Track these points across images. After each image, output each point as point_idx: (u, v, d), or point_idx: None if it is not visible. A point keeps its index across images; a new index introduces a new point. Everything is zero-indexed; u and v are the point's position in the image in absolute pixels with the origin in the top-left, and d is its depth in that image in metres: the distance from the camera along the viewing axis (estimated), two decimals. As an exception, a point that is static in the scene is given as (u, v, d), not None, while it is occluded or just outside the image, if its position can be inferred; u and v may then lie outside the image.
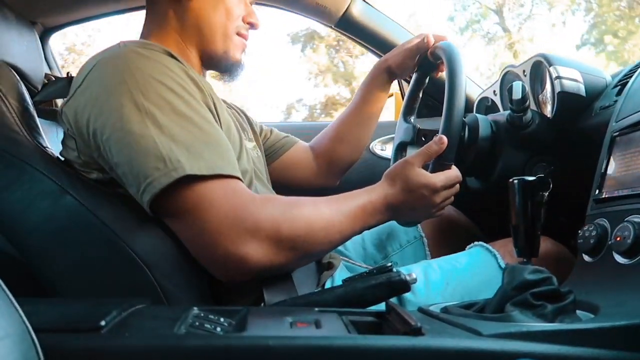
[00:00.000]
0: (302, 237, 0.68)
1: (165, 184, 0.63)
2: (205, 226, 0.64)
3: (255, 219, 0.65)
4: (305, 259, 0.75)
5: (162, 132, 0.64)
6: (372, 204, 0.78)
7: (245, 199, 0.67)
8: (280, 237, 0.66)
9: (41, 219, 0.71)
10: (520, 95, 0.90)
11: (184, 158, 0.64)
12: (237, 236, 0.64)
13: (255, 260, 0.65)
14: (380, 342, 0.45)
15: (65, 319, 0.46)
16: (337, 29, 1.43)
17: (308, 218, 0.70)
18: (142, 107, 0.65)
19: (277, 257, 0.67)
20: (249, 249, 0.64)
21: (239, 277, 0.68)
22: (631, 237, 0.61)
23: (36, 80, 0.89)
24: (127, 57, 0.69)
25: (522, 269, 0.55)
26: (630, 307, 0.54)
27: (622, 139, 0.75)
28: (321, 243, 0.72)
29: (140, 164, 0.64)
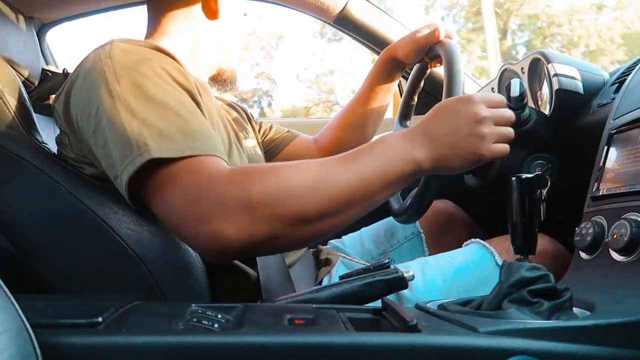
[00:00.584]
0: (279, 200, 0.58)
1: (132, 170, 0.61)
2: (172, 207, 0.60)
3: (220, 191, 0.58)
4: (303, 229, 0.60)
5: (135, 118, 0.62)
6: (391, 143, 0.65)
7: (212, 173, 0.60)
8: (251, 205, 0.57)
9: (38, 214, 0.71)
10: (518, 93, 0.89)
11: (152, 141, 0.61)
12: (203, 213, 0.57)
13: (228, 236, 0.57)
14: (377, 339, 0.45)
15: (63, 314, 0.46)
16: (335, 26, 1.43)
17: (285, 178, 0.60)
18: (117, 95, 0.64)
19: (256, 229, 0.57)
20: (218, 225, 0.57)
21: (219, 256, 0.60)
22: (627, 234, 0.61)
23: (33, 76, 0.88)
24: (109, 52, 0.69)
25: (519, 266, 0.55)
26: (626, 305, 0.54)
27: (620, 137, 0.75)
28: (314, 204, 0.60)
29: (115, 152, 0.63)
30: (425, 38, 0.94)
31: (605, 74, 0.98)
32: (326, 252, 0.96)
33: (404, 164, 0.64)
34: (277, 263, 0.80)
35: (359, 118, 1.08)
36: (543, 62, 1.00)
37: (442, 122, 0.67)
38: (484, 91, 1.31)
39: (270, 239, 0.59)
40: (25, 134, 0.73)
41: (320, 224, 0.61)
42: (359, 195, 0.62)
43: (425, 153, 0.66)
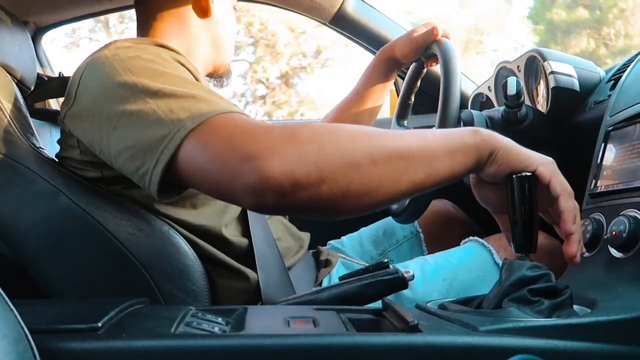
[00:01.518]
0: (328, 138, 0.53)
1: (173, 147, 0.57)
2: (214, 153, 0.55)
3: (265, 130, 0.54)
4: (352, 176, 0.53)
5: (159, 97, 0.60)
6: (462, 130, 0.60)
7: (254, 121, 0.57)
8: (298, 140, 0.53)
9: (36, 219, 0.70)
10: (514, 91, 0.90)
11: (186, 113, 0.58)
12: (247, 150, 0.53)
13: (272, 171, 0.51)
14: (378, 339, 0.45)
15: (62, 320, 0.45)
16: (330, 26, 1.43)
17: (334, 125, 0.57)
18: (134, 84, 0.63)
19: (301, 164, 0.52)
20: (262, 160, 0.52)
21: (260, 197, 0.53)
22: (626, 231, 0.61)
23: (29, 81, 0.88)
24: (114, 50, 0.69)
25: (520, 265, 0.55)
26: (626, 301, 0.55)
27: (617, 133, 0.75)
28: (365, 147, 0.54)
29: (146, 139, 0.59)
30: (423, 37, 0.94)
31: (601, 71, 0.98)
32: (326, 253, 0.96)
33: (466, 133, 0.59)
34: (276, 265, 0.80)
35: (352, 117, 1.08)
36: (539, 59, 1.00)
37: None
38: (480, 90, 1.31)
39: (315, 182, 0.52)
40: (22, 139, 0.73)
41: (371, 174, 0.53)
42: (417, 153, 0.55)
43: (489, 131, 0.61)
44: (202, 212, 0.75)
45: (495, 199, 0.62)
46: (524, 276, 0.54)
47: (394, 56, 1.01)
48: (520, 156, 0.59)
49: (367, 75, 1.06)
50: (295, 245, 0.90)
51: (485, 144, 0.58)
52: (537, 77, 1.09)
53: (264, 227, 0.83)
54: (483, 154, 0.58)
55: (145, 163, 0.59)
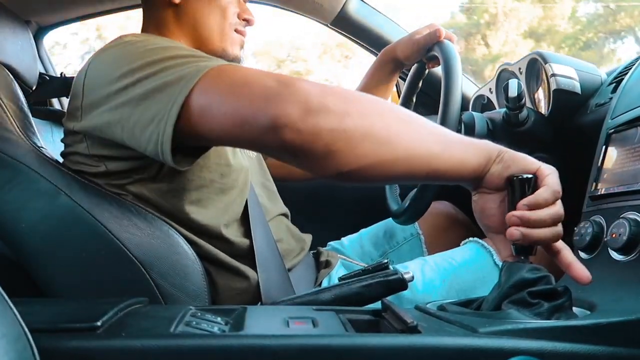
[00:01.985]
0: (352, 97, 0.57)
1: (182, 98, 0.58)
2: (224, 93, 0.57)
3: (288, 78, 0.56)
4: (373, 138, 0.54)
5: (172, 59, 0.63)
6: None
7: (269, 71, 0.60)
8: (323, 91, 0.55)
9: (36, 219, 0.70)
10: (516, 93, 0.90)
11: (202, 63, 0.61)
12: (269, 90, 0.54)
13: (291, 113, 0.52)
14: (377, 340, 0.45)
15: (61, 319, 0.46)
16: (332, 28, 1.43)
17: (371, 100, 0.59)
18: (144, 63, 0.64)
19: (323, 111, 0.53)
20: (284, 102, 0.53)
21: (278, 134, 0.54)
22: (626, 234, 0.61)
23: (30, 80, 0.88)
24: (119, 42, 0.71)
25: (520, 267, 0.55)
26: (626, 304, 0.54)
27: (618, 136, 0.75)
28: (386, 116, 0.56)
29: (161, 84, 0.61)
30: (425, 39, 0.94)
31: (603, 74, 0.98)
32: (326, 254, 0.96)
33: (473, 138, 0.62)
34: (276, 265, 0.80)
35: None
36: (540, 62, 1.00)
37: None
38: (482, 92, 1.31)
39: (341, 112, 0.53)
40: (23, 138, 0.73)
41: (394, 126, 0.56)
42: (435, 128, 0.59)
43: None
44: (202, 212, 0.75)
45: (495, 211, 0.61)
46: (524, 278, 0.54)
47: (396, 57, 1.01)
48: (524, 158, 0.60)
49: (369, 77, 1.06)
50: (297, 247, 0.90)
51: (494, 147, 0.60)
52: (538, 80, 1.09)
53: (265, 228, 0.83)
54: (492, 155, 0.59)
55: (160, 111, 0.60)
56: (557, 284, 0.56)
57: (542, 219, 0.56)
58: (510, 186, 0.58)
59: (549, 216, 0.56)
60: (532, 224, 0.56)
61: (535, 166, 0.59)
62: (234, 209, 0.79)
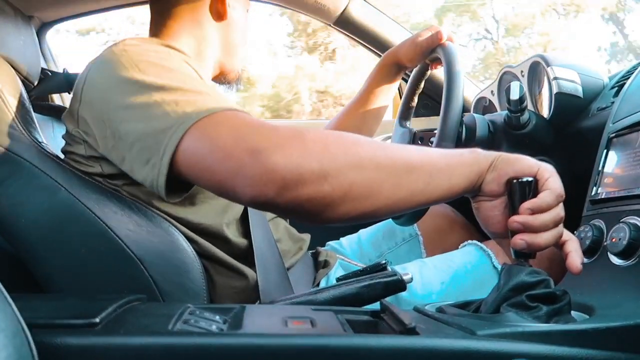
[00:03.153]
0: (333, 139, 0.55)
1: (177, 138, 0.58)
2: (219, 145, 0.55)
3: (272, 127, 0.55)
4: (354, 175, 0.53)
5: (166, 91, 0.62)
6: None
7: (260, 119, 0.60)
8: (304, 138, 0.54)
9: (36, 214, 0.70)
10: (517, 96, 0.90)
11: (191, 107, 0.59)
12: (252, 144, 0.53)
13: (276, 164, 0.52)
14: (375, 341, 0.45)
15: (60, 315, 0.46)
16: (335, 27, 1.43)
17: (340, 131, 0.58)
18: (141, 79, 0.64)
19: (305, 159, 0.52)
20: (267, 154, 0.52)
21: (262, 192, 0.53)
22: (626, 238, 0.61)
23: (33, 75, 0.88)
24: (123, 47, 0.70)
25: (519, 270, 0.55)
26: (625, 309, 0.54)
27: (619, 140, 0.75)
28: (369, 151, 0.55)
29: (152, 132, 0.60)
30: (427, 41, 0.95)
31: (605, 78, 0.98)
32: (325, 254, 0.96)
33: (463, 150, 0.60)
34: (275, 265, 0.80)
35: (357, 119, 1.08)
36: (543, 65, 1.00)
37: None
38: (483, 94, 1.31)
39: (318, 178, 0.52)
40: (25, 134, 0.73)
41: (374, 177, 0.54)
42: (418, 162, 0.56)
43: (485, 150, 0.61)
44: (202, 211, 0.75)
45: (499, 217, 0.60)
46: (523, 281, 0.54)
47: (399, 60, 1.02)
48: (520, 161, 0.58)
49: (372, 79, 1.06)
50: (294, 247, 0.90)
51: (484, 157, 0.59)
52: (540, 83, 1.09)
53: (265, 228, 0.83)
54: (483, 167, 0.58)
55: (153, 156, 0.60)
56: (556, 287, 0.56)
57: (545, 223, 0.55)
58: (510, 190, 0.58)
59: (551, 220, 0.55)
60: (535, 229, 0.55)
61: (534, 168, 0.58)
62: (233, 208, 0.79)
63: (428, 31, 0.96)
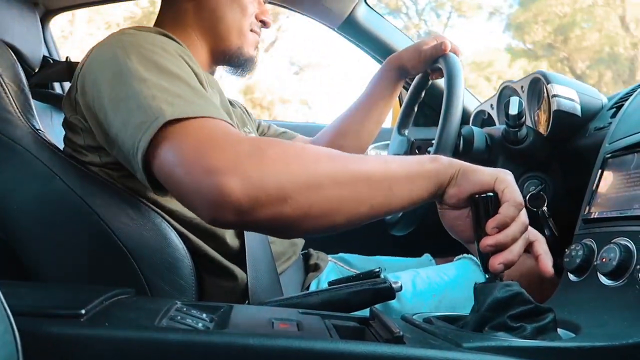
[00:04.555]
0: (293, 158, 0.54)
1: (149, 136, 0.58)
2: (181, 159, 0.55)
3: (235, 144, 0.55)
4: (314, 196, 0.54)
5: (147, 86, 0.62)
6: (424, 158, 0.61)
7: (228, 130, 0.58)
8: (264, 158, 0.53)
9: (29, 201, 0.70)
10: (516, 111, 0.90)
11: (167, 104, 0.59)
12: (212, 164, 0.53)
13: (233, 188, 0.51)
14: (360, 348, 0.45)
15: (46, 304, 0.45)
16: (339, 32, 1.43)
17: (302, 146, 0.58)
18: (128, 70, 0.64)
19: (264, 182, 0.52)
20: (225, 176, 0.52)
21: (219, 213, 0.53)
22: (616, 259, 0.61)
23: (34, 62, 0.88)
24: (119, 36, 0.70)
25: (491, 288, 0.55)
26: (611, 329, 0.55)
27: (614, 161, 0.75)
28: (329, 168, 0.55)
29: (131, 124, 0.61)
30: (432, 50, 0.95)
31: (604, 98, 0.99)
32: (316, 256, 0.96)
33: (426, 159, 0.60)
34: (267, 266, 0.80)
35: (357, 124, 1.08)
36: (543, 82, 1.01)
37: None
38: (483, 107, 1.32)
39: (277, 201, 0.52)
40: (22, 120, 0.73)
41: (333, 195, 0.54)
42: (378, 176, 0.56)
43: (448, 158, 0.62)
44: None
45: (463, 226, 0.62)
46: (497, 299, 0.54)
47: (402, 65, 1.02)
48: (478, 176, 0.59)
49: (374, 83, 1.06)
50: (289, 250, 0.90)
51: (445, 169, 0.59)
52: (539, 99, 1.09)
53: None
54: (443, 179, 0.59)
55: (129, 151, 0.61)
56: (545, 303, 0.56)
57: (514, 236, 0.56)
58: (473, 206, 0.58)
59: (518, 231, 0.57)
60: (507, 245, 0.56)
61: (490, 182, 0.58)
62: None
63: (434, 40, 0.96)
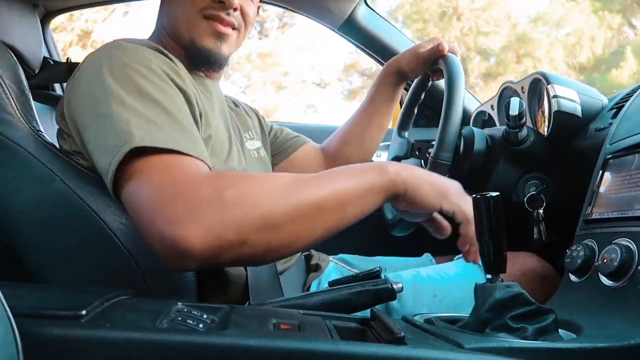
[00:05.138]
0: (251, 201, 0.56)
1: (118, 160, 0.59)
2: (143, 204, 0.57)
3: (195, 191, 0.55)
4: (272, 235, 0.57)
5: (125, 109, 0.62)
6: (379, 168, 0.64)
7: (191, 172, 0.58)
8: (223, 205, 0.55)
9: (30, 202, 0.70)
10: (517, 112, 0.90)
11: (138, 130, 0.59)
12: (172, 214, 0.54)
13: (193, 239, 0.53)
14: (361, 348, 0.45)
15: (46, 305, 0.45)
16: (339, 33, 1.43)
17: (259, 182, 0.58)
18: (110, 89, 0.64)
19: (223, 231, 0.54)
20: (185, 228, 0.53)
21: (180, 261, 0.55)
22: (617, 259, 0.61)
23: (34, 64, 0.88)
24: (108, 49, 0.69)
25: (491, 288, 0.55)
26: (612, 330, 0.54)
27: (615, 162, 0.75)
28: (284, 206, 0.57)
29: (103, 145, 0.62)
30: (429, 52, 0.95)
31: (604, 99, 0.99)
32: (317, 257, 0.96)
33: (376, 174, 0.63)
34: (268, 266, 0.80)
35: (361, 130, 1.08)
36: (543, 82, 1.01)
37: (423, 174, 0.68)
38: (483, 108, 1.32)
39: (237, 245, 0.55)
40: (23, 121, 0.73)
41: (290, 231, 0.57)
42: (331, 202, 0.59)
43: (397, 168, 0.64)
44: None
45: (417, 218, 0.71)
46: (497, 299, 0.54)
47: (401, 69, 1.02)
48: (424, 199, 0.65)
49: (375, 89, 1.07)
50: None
51: (394, 184, 0.63)
52: (540, 100, 1.09)
53: None
54: (392, 193, 0.64)
55: (103, 169, 0.62)
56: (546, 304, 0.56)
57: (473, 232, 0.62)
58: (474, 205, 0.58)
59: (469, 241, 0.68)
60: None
61: (436, 206, 0.66)
62: None
63: (430, 42, 0.96)
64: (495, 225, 0.57)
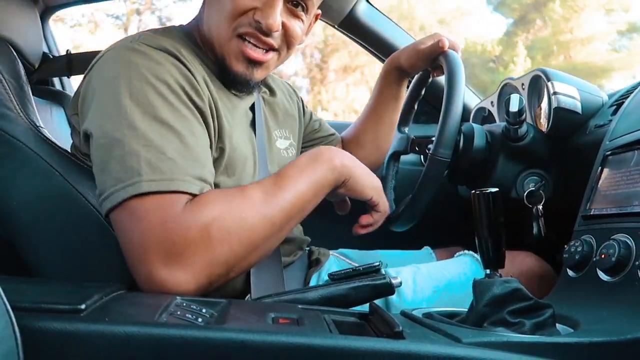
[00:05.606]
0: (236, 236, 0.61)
1: (121, 198, 0.61)
2: (134, 242, 0.60)
3: (187, 238, 0.59)
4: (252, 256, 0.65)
5: (137, 138, 0.62)
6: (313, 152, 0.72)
7: (183, 211, 0.60)
8: (211, 245, 0.60)
9: (30, 197, 0.70)
10: (516, 108, 0.90)
11: (146, 167, 0.61)
12: (162, 256, 0.59)
13: (185, 281, 0.59)
14: (360, 343, 0.45)
15: (46, 299, 0.45)
16: (339, 29, 1.43)
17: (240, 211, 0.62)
18: (125, 110, 0.63)
19: (213, 269, 0.60)
20: (176, 271, 0.59)
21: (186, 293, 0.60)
22: (615, 255, 0.61)
23: (33, 59, 0.88)
24: (129, 55, 0.68)
25: (489, 283, 0.55)
26: (609, 324, 0.55)
27: (614, 158, 0.75)
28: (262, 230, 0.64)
29: (109, 171, 0.62)
30: (429, 49, 0.94)
31: (604, 96, 0.99)
32: (317, 252, 0.96)
33: (326, 169, 0.70)
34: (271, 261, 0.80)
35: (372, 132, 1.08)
36: (543, 79, 1.01)
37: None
38: (483, 104, 1.32)
39: (225, 275, 0.62)
40: (22, 116, 0.73)
41: (266, 246, 0.66)
42: (296, 210, 0.67)
43: (342, 159, 0.72)
44: None
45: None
46: (495, 295, 0.54)
47: (401, 65, 1.01)
48: (363, 190, 0.75)
49: (378, 88, 1.06)
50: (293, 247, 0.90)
51: (341, 175, 0.72)
52: (540, 97, 1.09)
53: None
54: (338, 183, 0.73)
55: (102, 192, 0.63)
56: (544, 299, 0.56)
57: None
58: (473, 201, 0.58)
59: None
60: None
61: (370, 195, 0.76)
62: None
63: (431, 38, 0.95)
64: (495, 220, 0.57)
